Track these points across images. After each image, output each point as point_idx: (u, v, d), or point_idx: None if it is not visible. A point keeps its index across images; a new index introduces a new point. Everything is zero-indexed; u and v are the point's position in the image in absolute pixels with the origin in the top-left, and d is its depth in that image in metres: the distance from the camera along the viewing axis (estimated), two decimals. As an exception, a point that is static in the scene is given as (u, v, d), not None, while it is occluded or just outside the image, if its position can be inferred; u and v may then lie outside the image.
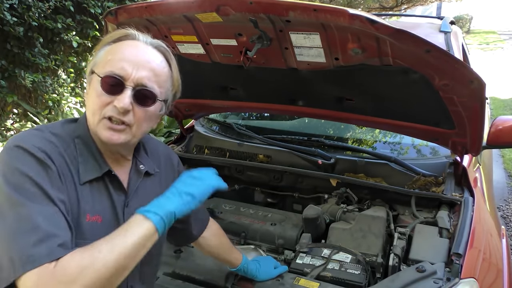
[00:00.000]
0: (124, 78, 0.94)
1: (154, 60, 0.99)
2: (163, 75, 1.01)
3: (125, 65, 0.94)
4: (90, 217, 0.96)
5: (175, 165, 1.26)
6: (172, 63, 1.05)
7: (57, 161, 0.92)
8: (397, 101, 1.68)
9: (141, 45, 1.00)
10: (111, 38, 1.01)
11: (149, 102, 0.98)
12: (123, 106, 0.93)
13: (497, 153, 5.51)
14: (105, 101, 0.94)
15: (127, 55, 0.96)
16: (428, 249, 1.47)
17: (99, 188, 1.00)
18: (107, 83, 0.94)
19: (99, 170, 0.99)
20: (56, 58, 4.30)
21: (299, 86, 1.77)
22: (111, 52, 0.98)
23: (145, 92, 0.96)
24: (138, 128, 0.99)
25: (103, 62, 0.97)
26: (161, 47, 1.03)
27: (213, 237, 1.41)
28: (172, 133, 4.72)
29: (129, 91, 0.94)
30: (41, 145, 0.91)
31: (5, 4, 3.43)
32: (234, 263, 1.45)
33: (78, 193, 0.95)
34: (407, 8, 11.04)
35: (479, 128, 1.55)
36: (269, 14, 1.34)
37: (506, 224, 3.80)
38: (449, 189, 1.74)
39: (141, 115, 0.98)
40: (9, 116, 4.40)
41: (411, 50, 1.32)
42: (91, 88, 0.98)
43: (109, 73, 0.94)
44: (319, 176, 1.93)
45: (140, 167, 1.10)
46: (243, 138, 2.28)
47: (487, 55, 13.37)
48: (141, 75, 0.95)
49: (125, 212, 1.04)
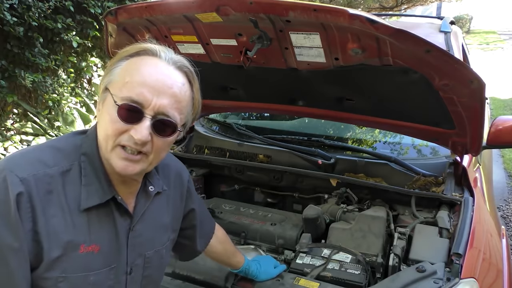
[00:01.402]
0: (144, 105, 0.86)
1: (177, 84, 0.90)
2: (184, 100, 0.93)
3: (144, 91, 0.85)
4: (85, 247, 0.90)
5: (185, 182, 1.20)
6: (194, 85, 0.97)
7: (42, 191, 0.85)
8: (397, 101, 1.68)
9: (163, 66, 0.90)
10: (128, 52, 0.92)
11: (169, 131, 0.90)
12: (140, 138, 0.85)
13: (497, 153, 5.51)
14: (121, 129, 0.86)
15: (147, 78, 0.87)
16: (428, 249, 1.47)
17: (100, 214, 0.93)
18: (124, 110, 0.85)
19: (102, 196, 0.92)
20: (56, 58, 4.29)
21: (299, 86, 1.77)
22: (128, 71, 0.88)
23: (166, 122, 0.89)
24: (156, 157, 0.93)
25: (120, 83, 0.88)
26: (184, 67, 0.94)
27: (218, 244, 1.39)
28: (172, 133, 4.71)
29: (148, 121, 0.86)
30: (30, 172, 0.84)
31: (5, 4, 3.43)
32: (236, 266, 1.45)
33: (74, 222, 0.89)
34: (407, 8, 11.04)
35: (479, 128, 1.55)
36: (269, 14, 1.34)
37: (506, 224, 3.80)
38: (449, 189, 1.74)
39: (160, 144, 0.91)
40: (9, 116, 4.40)
41: (411, 50, 1.32)
42: (104, 108, 0.89)
43: (127, 100, 0.85)
44: (319, 176, 1.93)
45: (149, 188, 1.03)
46: (243, 138, 2.28)
47: (487, 55, 13.37)
48: (162, 103, 0.87)
49: (129, 236, 0.99)
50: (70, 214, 0.88)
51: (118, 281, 0.98)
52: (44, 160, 0.88)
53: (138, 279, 1.04)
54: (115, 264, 0.96)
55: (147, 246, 1.05)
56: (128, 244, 0.98)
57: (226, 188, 2.30)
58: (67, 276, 0.87)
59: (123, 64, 0.90)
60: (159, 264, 1.11)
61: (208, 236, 1.36)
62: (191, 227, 1.26)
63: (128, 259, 0.99)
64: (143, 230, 1.02)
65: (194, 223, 1.26)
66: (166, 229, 1.13)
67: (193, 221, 1.26)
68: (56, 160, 0.90)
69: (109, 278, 0.95)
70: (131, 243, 0.99)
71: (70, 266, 0.88)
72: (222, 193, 2.31)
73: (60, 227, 0.87)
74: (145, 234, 1.03)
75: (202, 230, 1.31)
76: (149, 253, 1.05)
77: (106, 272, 0.95)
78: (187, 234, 1.26)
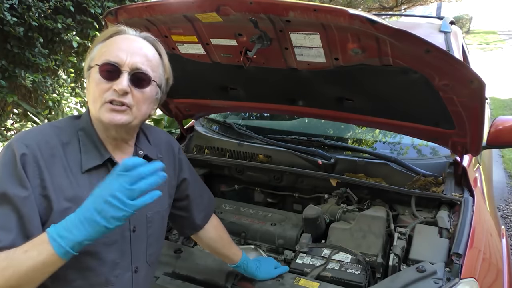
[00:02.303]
0: (120, 64, 1.01)
1: (145, 47, 1.07)
2: (154, 60, 1.08)
3: (119, 53, 1.02)
4: None
5: (176, 152, 1.31)
6: (161, 51, 1.12)
7: (45, 154, 0.98)
8: (397, 101, 1.68)
9: (132, 37, 1.08)
10: (103, 36, 1.08)
11: (145, 83, 1.05)
12: (122, 87, 0.99)
13: (497, 153, 5.50)
14: (104, 88, 1.01)
15: (120, 45, 1.04)
16: (428, 249, 1.47)
17: (100, 175, 1.03)
18: (105, 70, 1.01)
19: (100, 158, 1.05)
20: (56, 58, 4.30)
21: (299, 86, 1.77)
22: (105, 45, 1.06)
23: (140, 75, 1.03)
24: (138, 109, 1.05)
25: (98, 55, 1.04)
26: (149, 37, 1.11)
27: (212, 229, 1.43)
28: (172, 133, 4.73)
29: (126, 75, 1.01)
30: (33, 141, 0.98)
31: (5, 4, 3.43)
32: (233, 258, 1.45)
33: (78, 181, 1.01)
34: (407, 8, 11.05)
35: (479, 128, 1.55)
36: (269, 14, 1.34)
37: (506, 224, 3.80)
38: (449, 189, 1.74)
39: (139, 96, 1.04)
40: (9, 116, 4.41)
41: (411, 50, 1.32)
42: (90, 81, 1.05)
43: (106, 61, 1.01)
44: (319, 176, 1.94)
45: (139, 152, 1.15)
46: (243, 138, 2.28)
47: (487, 55, 13.37)
48: (135, 60, 1.03)
49: None
50: (73, 174, 1.01)
51: (123, 237, 1.08)
52: (46, 134, 1.03)
53: (143, 238, 1.14)
54: None
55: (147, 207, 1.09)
56: None
57: (226, 188, 2.31)
58: None
59: (100, 45, 1.08)
60: (161, 225, 1.22)
61: (207, 210, 1.42)
62: (186, 198, 1.34)
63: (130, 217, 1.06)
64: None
65: (187, 193, 1.34)
66: (164, 193, 1.20)
67: (186, 191, 1.34)
68: (57, 134, 1.04)
69: (115, 232, 1.01)
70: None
71: None
72: (222, 193, 2.31)
73: (65, 185, 0.99)
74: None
75: (198, 203, 1.38)
76: (150, 213, 1.15)
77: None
78: (183, 205, 1.34)
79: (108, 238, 1.03)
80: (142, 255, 1.15)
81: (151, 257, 1.19)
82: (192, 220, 1.38)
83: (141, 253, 1.15)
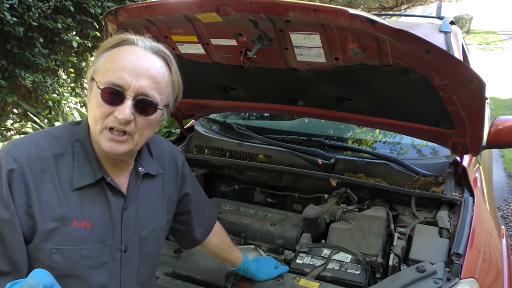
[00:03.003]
0: (124, 88, 0.93)
1: (154, 67, 0.97)
2: (163, 81, 0.99)
3: (124, 74, 0.93)
4: (77, 223, 0.96)
5: (179, 165, 1.24)
6: (172, 67, 1.03)
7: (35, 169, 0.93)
8: (397, 101, 1.68)
9: (140, 52, 0.97)
10: (109, 44, 0.99)
11: (150, 111, 0.97)
12: (124, 117, 0.92)
13: (497, 153, 5.50)
14: (106, 112, 0.94)
15: (126, 63, 0.94)
16: (428, 249, 1.47)
17: (92, 193, 0.99)
18: (107, 93, 0.93)
19: (93, 176, 0.99)
20: (56, 58, 4.29)
21: (299, 86, 1.77)
22: (110, 59, 0.96)
23: (146, 101, 0.95)
24: (140, 136, 0.99)
25: (102, 71, 0.95)
26: (161, 51, 1.01)
27: (214, 236, 1.41)
28: (172, 133, 4.73)
29: (130, 102, 0.93)
30: (23, 154, 0.93)
31: (5, 4, 3.43)
32: (235, 262, 1.45)
33: (67, 199, 0.96)
34: (407, 8, 11.04)
35: (479, 128, 1.55)
36: (269, 14, 1.34)
37: (506, 224, 3.80)
38: (449, 189, 1.74)
39: (143, 123, 0.97)
40: (9, 116, 4.40)
41: (411, 50, 1.32)
42: (92, 96, 0.97)
43: (109, 84, 0.93)
44: (319, 176, 1.93)
45: (139, 169, 1.09)
46: (243, 138, 2.28)
47: (487, 55, 13.37)
48: (141, 84, 0.94)
49: (123, 216, 1.04)
50: (63, 191, 0.96)
51: (113, 258, 1.03)
52: (39, 144, 0.97)
53: (135, 258, 1.09)
54: (109, 241, 1.02)
55: (142, 225, 1.10)
56: (122, 222, 1.04)
57: (226, 188, 2.31)
58: (60, 249, 0.94)
59: (105, 54, 0.98)
60: (155, 244, 1.16)
61: (207, 224, 1.38)
62: (186, 212, 1.30)
63: (122, 237, 1.04)
64: (137, 210, 1.08)
65: (189, 208, 1.30)
66: (162, 211, 1.17)
67: (188, 206, 1.29)
68: (50, 144, 0.98)
69: (104, 254, 1.01)
70: (125, 222, 1.05)
71: (63, 240, 0.95)
72: (222, 193, 2.31)
73: (53, 203, 0.94)
74: (139, 214, 1.09)
75: (200, 217, 1.33)
76: (144, 232, 1.10)
77: (100, 248, 1.00)
78: (183, 219, 1.30)
79: (94, 261, 0.99)
80: (133, 275, 1.09)
81: (143, 277, 1.13)
82: (192, 234, 1.34)
83: (132, 273, 1.09)
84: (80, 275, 0.98)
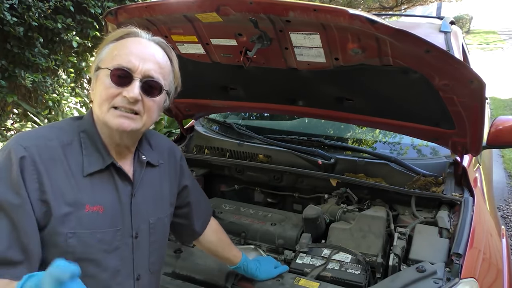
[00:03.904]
0: (132, 70, 0.98)
1: (158, 54, 1.04)
2: (166, 67, 1.06)
3: (132, 58, 0.99)
4: (90, 207, 0.99)
5: (178, 158, 1.29)
6: (173, 58, 1.10)
7: (45, 157, 0.95)
8: (397, 101, 1.68)
9: (144, 41, 1.04)
10: (114, 37, 1.05)
11: (156, 92, 1.02)
12: (133, 96, 0.97)
13: (497, 153, 5.50)
14: (114, 93, 0.98)
15: (133, 49, 1.01)
16: (428, 249, 1.47)
17: (102, 179, 1.03)
18: (116, 75, 0.98)
19: (103, 162, 1.03)
20: (56, 58, 4.29)
21: (299, 86, 1.77)
22: (116, 48, 1.02)
23: (152, 83, 1.01)
24: (149, 117, 1.03)
25: (109, 58, 1.00)
26: (162, 43, 1.08)
27: (212, 233, 1.43)
28: (172, 133, 4.73)
29: (137, 82, 0.98)
30: (32, 143, 0.95)
31: (5, 4, 3.43)
32: (233, 260, 1.45)
33: (79, 185, 0.99)
34: (407, 8, 11.04)
35: (479, 128, 1.55)
36: (269, 14, 1.34)
37: (506, 224, 3.80)
38: (449, 189, 1.74)
39: (150, 104, 1.02)
40: (9, 116, 4.40)
41: (411, 50, 1.32)
42: (98, 82, 1.01)
43: (118, 66, 0.98)
44: (319, 176, 1.93)
45: (142, 157, 1.13)
46: (243, 138, 2.28)
47: (487, 55, 13.37)
48: (148, 67, 1.00)
49: (132, 202, 1.07)
50: (74, 178, 0.99)
51: (125, 243, 1.06)
52: (46, 135, 1.00)
53: (145, 245, 1.12)
54: (120, 227, 1.05)
55: (150, 212, 1.13)
56: (131, 209, 1.07)
57: (226, 188, 2.31)
58: (75, 233, 0.96)
59: (110, 45, 1.04)
60: (163, 232, 1.20)
61: (205, 216, 1.41)
62: (187, 205, 1.33)
63: (132, 223, 1.07)
64: (144, 197, 1.11)
65: (189, 200, 1.33)
66: (166, 200, 1.20)
67: (188, 198, 1.32)
68: (57, 135, 1.01)
69: (116, 239, 1.03)
70: (134, 209, 1.08)
71: (78, 224, 0.97)
72: (222, 193, 2.31)
73: (65, 188, 0.96)
74: (147, 201, 1.12)
75: (198, 209, 1.36)
76: (152, 219, 1.13)
77: (112, 233, 1.03)
78: (184, 212, 1.33)
79: (108, 245, 1.02)
80: (145, 262, 1.13)
81: (154, 266, 1.16)
82: (192, 227, 1.36)
83: (144, 260, 1.12)
84: (96, 259, 1.00)
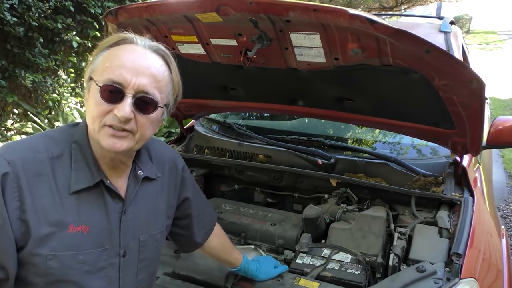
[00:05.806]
0: (124, 85, 0.90)
1: (154, 65, 0.95)
2: (163, 80, 0.97)
3: (124, 72, 0.91)
4: (74, 227, 0.94)
5: (180, 170, 1.23)
6: (172, 66, 1.01)
7: (30, 173, 0.90)
8: (397, 101, 1.68)
9: (140, 50, 0.95)
10: (108, 43, 0.97)
11: (151, 108, 0.95)
12: (123, 115, 0.90)
13: (497, 153, 5.50)
14: (105, 110, 0.91)
15: (125, 61, 0.92)
16: (428, 249, 1.47)
17: (90, 197, 0.97)
18: (107, 91, 0.90)
19: (91, 179, 0.96)
20: (56, 58, 4.30)
21: (299, 86, 1.77)
22: (108, 58, 0.94)
23: (146, 99, 0.93)
24: (141, 134, 0.96)
25: (101, 69, 0.93)
26: (160, 50, 0.99)
27: (214, 238, 1.40)
28: (172, 133, 4.73)
29: (129, 99, 0.91)
30: (18, 156, 0.90)
31: (5, 4, 3.43)
32: (235, 263, 1.45)
33: (63, 203, 0.93)
34: (407, 8, 11.04)
35: (479, 128, 1.55)
36: (269, 14, 1.34)
37: (506, 224, 3.80)
38: (449, 189, 1.74)
39: (143, 121, 0.95)
40: (9, 116, 4.40)
41: (411, 50, 1.32)
42: (90, 95, 0.95)
43: (108, 82, 0.90)
44: (319, 176, 1.93)
45: (138, 173, 1.06)
46: (243, 138, 2.28)
47: (487, 55, 13.37)
48: (141, 82, 0.92)
49: (122, 220, 1.02)
50: (59, 195, 0.93)
51: (111, 263, 1.01)
52: (35, 146, 0.94)
53: (134, 262, 1.06)
54: (107, 246, 0.99)
55: (141, 229, 1.07)
56: (120, 226, 1.02)
57: (226, 188, 2.31)
58: (56, 254, 0.91)
59: (104, 53, 0.96)
60: (154, 249, 1.13)
61: (208, 227, 1.37)
62: (187, 217, 1.28)
63: (121, 241, 1.02)
64: (136, 214, 1.05)
65: (189, 212, 1.28)
66: (162, 215, 1.15)
67: (188, 210, 1.27)
68: (47, 147, 0.95)
69: (101, 259, 0.98)
70: (124, 226, 1.02)
71: (59, 245, 0.92)
72: (222, 193, 2.31)
73: (48, 207, 0.91)
74: (138, 218, 1.06)
75: (200, 221, 1.32)
76: (143, 236, 1.08)
77: (97, 253, 0.98)
78: (183, 224, 1.28)
79: (92, 266, 0.96)
80: (132, 281, 1.06)
81: (142, 283, 1.10)
82: (193, 238, 1.32)
83: (131, 279, 1.06)
84: (76, 281, 0.95)
